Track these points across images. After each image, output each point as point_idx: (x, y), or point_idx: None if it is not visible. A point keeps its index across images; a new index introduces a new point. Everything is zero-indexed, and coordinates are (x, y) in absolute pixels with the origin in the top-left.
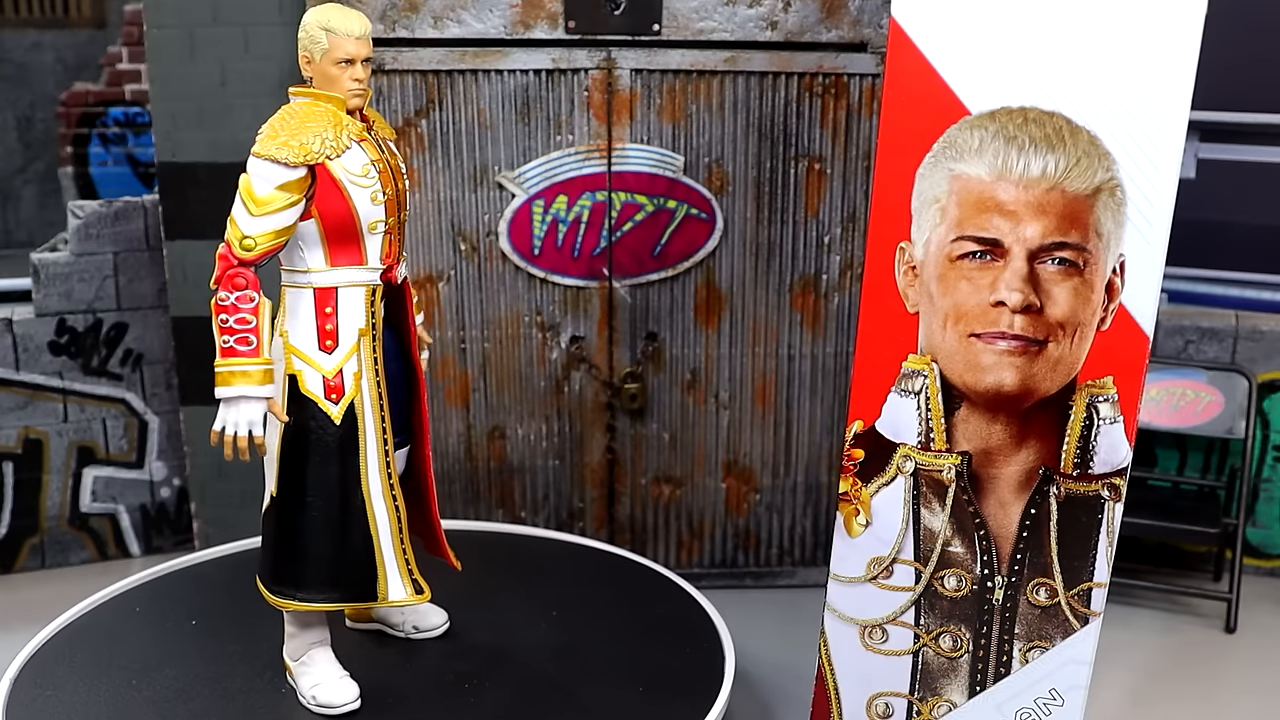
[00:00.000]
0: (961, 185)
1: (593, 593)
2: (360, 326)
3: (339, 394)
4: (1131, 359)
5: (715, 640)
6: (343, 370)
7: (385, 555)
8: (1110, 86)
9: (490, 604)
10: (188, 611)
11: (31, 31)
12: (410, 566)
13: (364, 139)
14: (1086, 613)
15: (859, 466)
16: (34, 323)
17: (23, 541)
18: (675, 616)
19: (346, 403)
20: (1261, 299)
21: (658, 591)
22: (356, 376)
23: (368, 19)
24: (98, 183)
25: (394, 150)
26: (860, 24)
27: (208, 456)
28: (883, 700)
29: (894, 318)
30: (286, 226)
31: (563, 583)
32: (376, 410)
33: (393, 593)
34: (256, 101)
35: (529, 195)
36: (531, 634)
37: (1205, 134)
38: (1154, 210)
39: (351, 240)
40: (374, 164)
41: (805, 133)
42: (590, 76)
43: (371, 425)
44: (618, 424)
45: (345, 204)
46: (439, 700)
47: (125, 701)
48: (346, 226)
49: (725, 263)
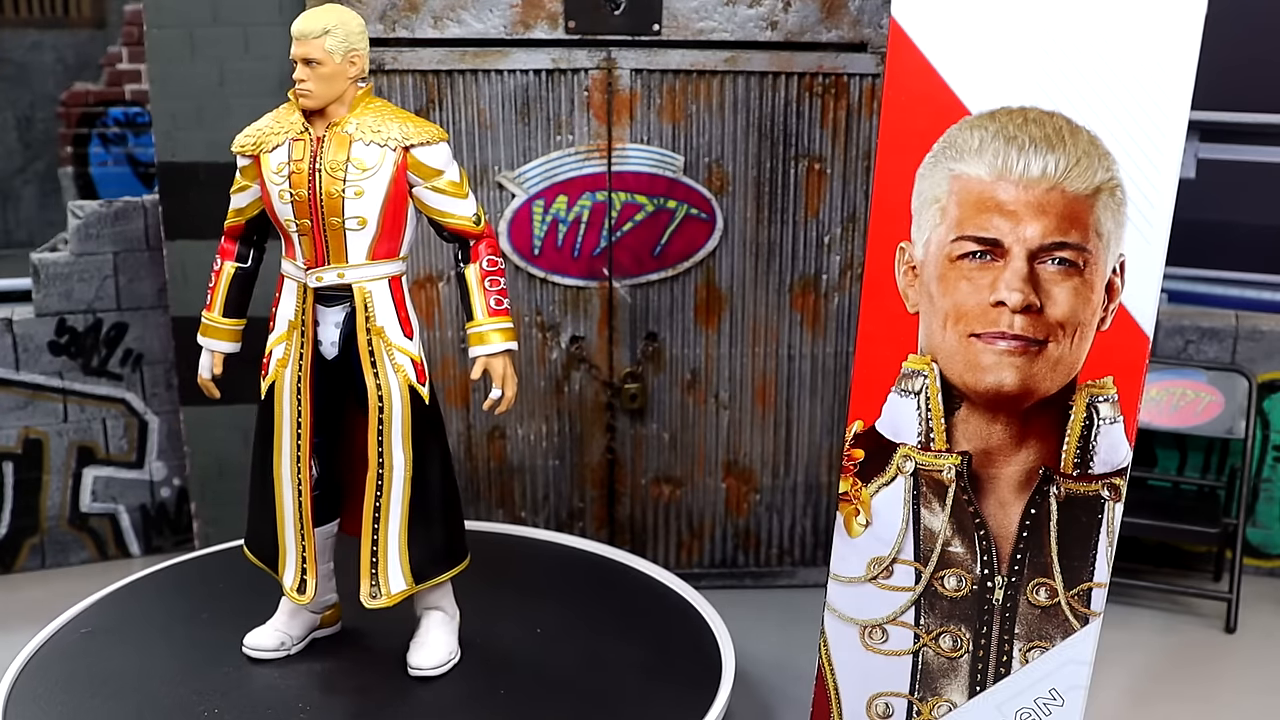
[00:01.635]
0: (961, 185)
1: (592, 593)
2: (290, 319)
3: (265, 372)
4: (1131, 359)
5: (715, 640)
6: (272, 352)
7: (285, 539)
8: (1110, 86)
9: (489, 604)
10: (187, 611)
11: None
12: (304, 563)
13: (299, 138)
14: (1086, 613)
15: (859, 466)
16: (34, 323)
17: (23, 541)
18: (675, 617)
19: (268, 383)
20: (1261, 299)
21: (658, 592)
22: (280, 363)
23: (325, 18)
24: (98, 183)
25: (354, 155)
26: (860, 24)
27: (208, 456)
28: (883, 700)
29: (894, 318)
30: (240, 208)
31: (562, 583)
32: (293, 403)
33: (285, 578)
34: (256, 101)
35: (529, 195)
36: (530, 634)
37: (1205, 134)
38: (1154, 210)
39: (284, 234)
40: (290, 164)
41: (805, 133)
42: (590, 76)
43: (287, 415)
44: (618, 424)
45: (268, 198)
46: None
47: (125, 701)
48: (274, 220)
49: (725, 263)
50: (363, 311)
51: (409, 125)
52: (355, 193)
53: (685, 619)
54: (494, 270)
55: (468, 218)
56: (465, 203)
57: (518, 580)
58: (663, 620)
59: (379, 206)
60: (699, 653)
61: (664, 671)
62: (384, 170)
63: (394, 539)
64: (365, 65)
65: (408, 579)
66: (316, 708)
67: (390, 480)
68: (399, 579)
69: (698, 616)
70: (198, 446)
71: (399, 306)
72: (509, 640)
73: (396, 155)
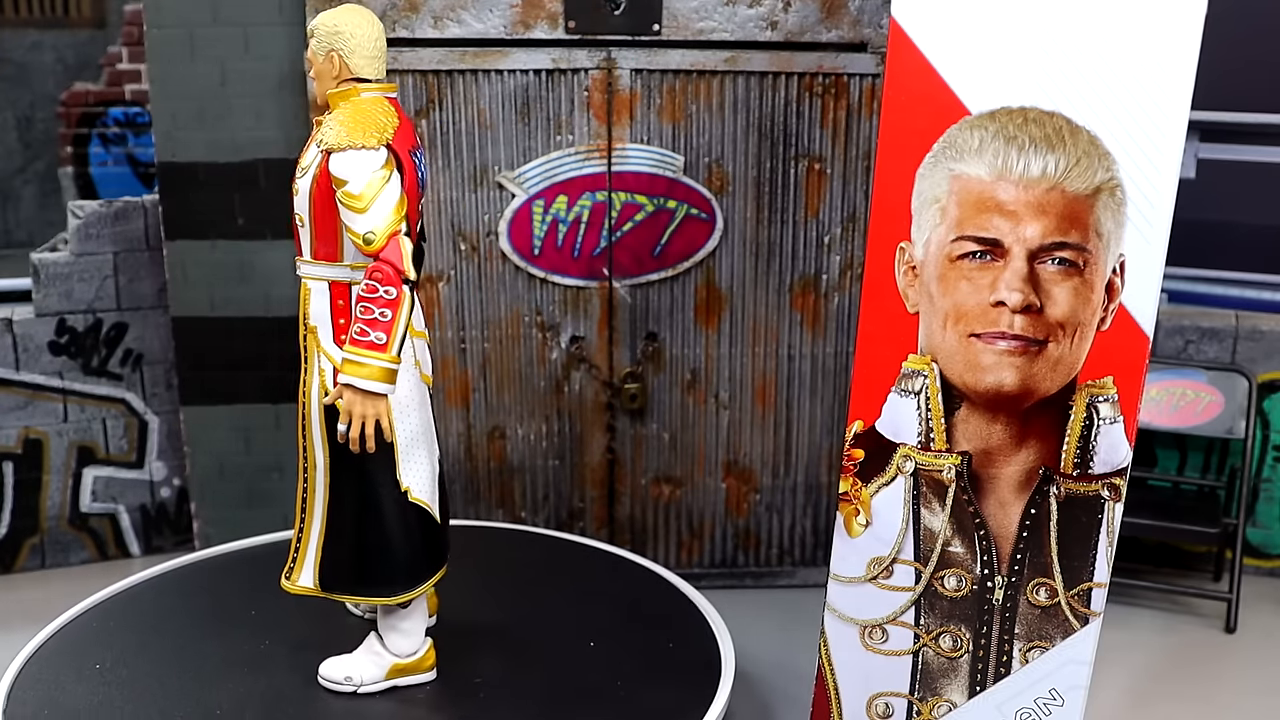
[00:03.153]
0: (961, 185)
1: (592, 593)
2: None
3: None
4: (1131, 359)
5: (715, 640)
6: None
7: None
8: (1110, 86)
9: (489, 604)
10: (187, 611)
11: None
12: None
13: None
14: (1086, 613)
15: (859, 466)
16: (34, 323)
17: (23, 541)
18: (675, 617)
19: None
20: (1261, 299)
21: (658, 592)
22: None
23: (316, 20)
24: (98, 183)
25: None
26: (860, 24)
27: (208, 456)
28: (883, 700)
29: (894, 318)
30: None
31: (562, 583)
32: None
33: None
34: (256, 101)
35: (529, 195)
36: (530, 634)
37: (1205, 134)
38: (1154, 210)
39: None
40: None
41: (805, 133)
42: (590, 76)
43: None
44: (618, 424)
45: None
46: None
47: (125, 701)
48: None
49: (725, 263)
50: (302, 306)
51: (342, 129)
52: (294, 190)
53: (685, 619)
54: (370, 296)
55: (358, 234)
56: (360, 218)
57: (516, 580)
58: (663, 620)
59: (307, 206)
60: (699, 653)
61: (664, 671)
62: (311, 171)
63: (314, 536)
64: (350, 64)
65: (315, 581)
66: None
67: (314, 477)
68: (308, 576)
69: (698, 616)
70: (198, 446)
71: (335, 312)
72: (507, 639)
73: (321, 158)
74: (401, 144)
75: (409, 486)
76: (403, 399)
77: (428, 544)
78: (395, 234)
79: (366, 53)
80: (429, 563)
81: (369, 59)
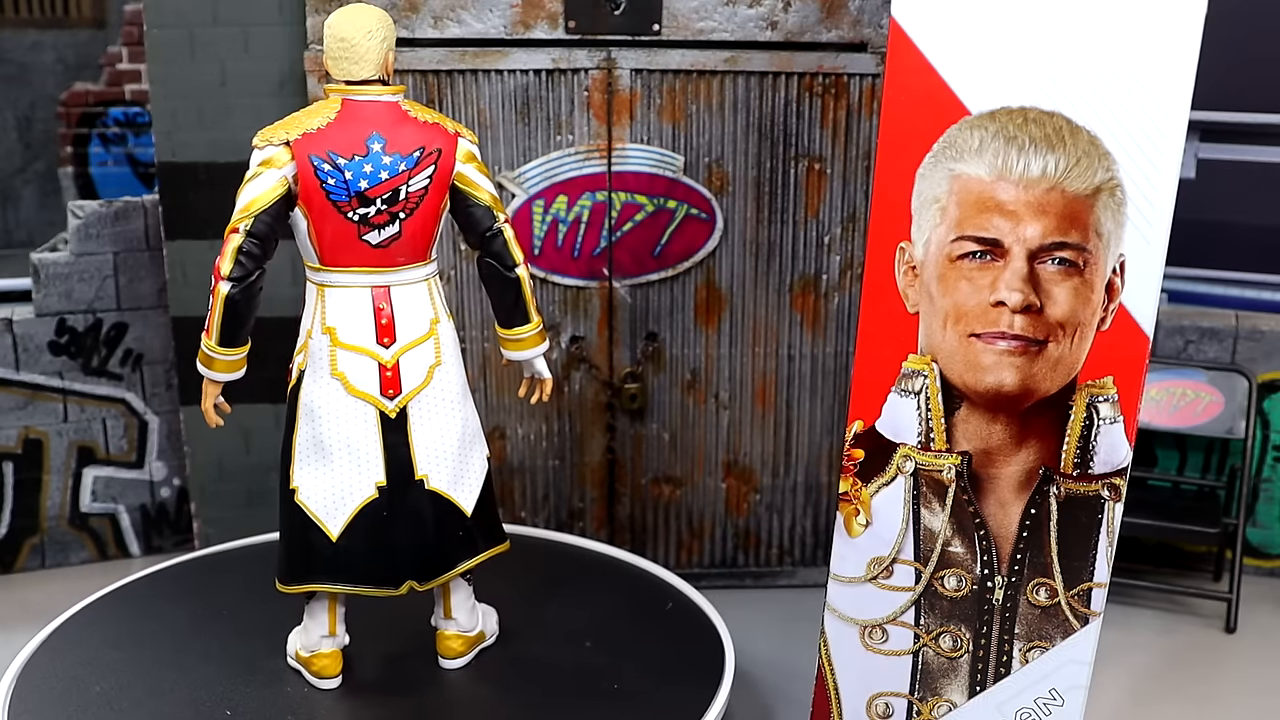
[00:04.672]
0: (961, 185)
1: (592, 593)
2: None
3: None
4: (1131, 359)
5: (715, 640)
6: None
7: None
8: (1110, 86)
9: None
10: (187, 611)
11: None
12: None
13: None
14: (1086, 613)
15: (859, 466)
16: (34, 323)
17: (23, 541)
18: (675, 616)
19: None
20: (1261, 299)
21: (657, 591)
22: None
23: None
24: (98, 183)
25: None
26: (860, 24)
27: (208, 456)
28: (883, 700)
29: (894, 318)
30: None
31: (562, 583)
32: None
33: None
34: (256, 101)
35: (529, 195)
36: (530, 634)
37: (1205, 134)
38: (1154, 210)
39: None
40: None
41: (805, 133)
42: (590, 76)
43: None
44: (618, 424)
45: None
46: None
47: (125, 701)
48: None
49: (725, 263)
50: None
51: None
52: None
53: (685, 619)
54: None
55: None
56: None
57: (516, 580)
58: (662, 620)
59: None
60: (699, 653)
61: (664, 671)
62: None
63: None
64: (331, 67)
65: None
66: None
67: None
68: None
69: (698, 616)
70: (198, 446)
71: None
72: (507, 640)
73: None
74: (315, 145)
75: (297, 486)
76: (310, 403)
77: (310, 551)
78: (233, 229)
79: (331, 54)
80: (308, 569)
81: (333, 60)
